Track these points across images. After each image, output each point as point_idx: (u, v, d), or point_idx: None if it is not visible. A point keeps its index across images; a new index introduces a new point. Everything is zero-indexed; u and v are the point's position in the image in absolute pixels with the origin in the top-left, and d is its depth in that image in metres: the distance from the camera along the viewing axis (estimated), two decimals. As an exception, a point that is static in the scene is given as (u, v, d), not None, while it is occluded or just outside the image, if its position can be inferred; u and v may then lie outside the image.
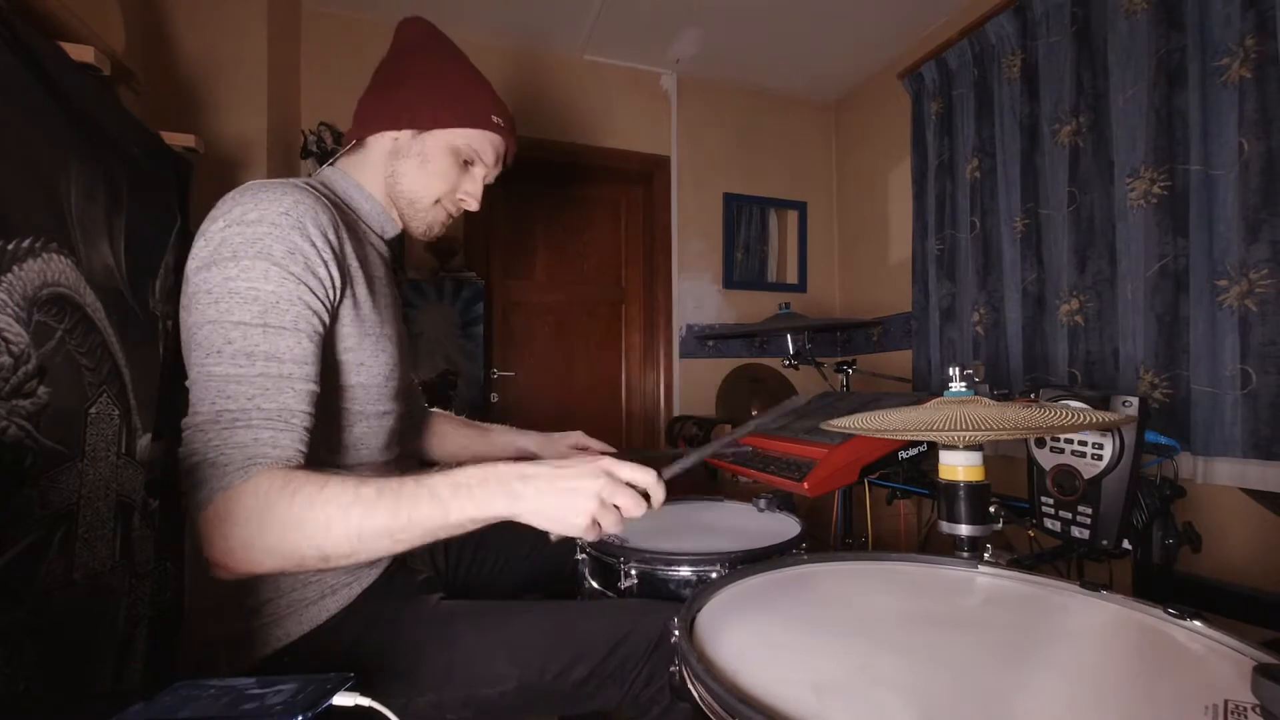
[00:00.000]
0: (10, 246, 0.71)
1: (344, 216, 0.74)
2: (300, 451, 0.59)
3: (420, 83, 0.78)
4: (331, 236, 0.65)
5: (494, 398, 2.55)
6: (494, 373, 2.57)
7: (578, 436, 1.06)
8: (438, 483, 0.57)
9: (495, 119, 0.82)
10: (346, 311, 0.69)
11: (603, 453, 1.02)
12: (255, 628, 0.66)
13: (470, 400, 2.26)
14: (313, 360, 0.61)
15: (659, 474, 0.62)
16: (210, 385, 0.57)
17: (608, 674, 0.68)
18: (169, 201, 1.15)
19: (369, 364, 0.73)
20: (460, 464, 1.03)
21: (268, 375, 0.58)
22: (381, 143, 0.79)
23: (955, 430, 0.60)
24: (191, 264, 0.61)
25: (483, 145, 0.81)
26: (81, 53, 0.91)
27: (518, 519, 0.58)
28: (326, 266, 0.64)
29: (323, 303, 0.63)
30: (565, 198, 2.78)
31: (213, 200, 0.66)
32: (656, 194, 2.79)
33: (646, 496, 0.61)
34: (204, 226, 0.63)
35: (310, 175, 0.82)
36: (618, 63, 2.69)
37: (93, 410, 0.86)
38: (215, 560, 0.55)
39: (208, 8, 1.75)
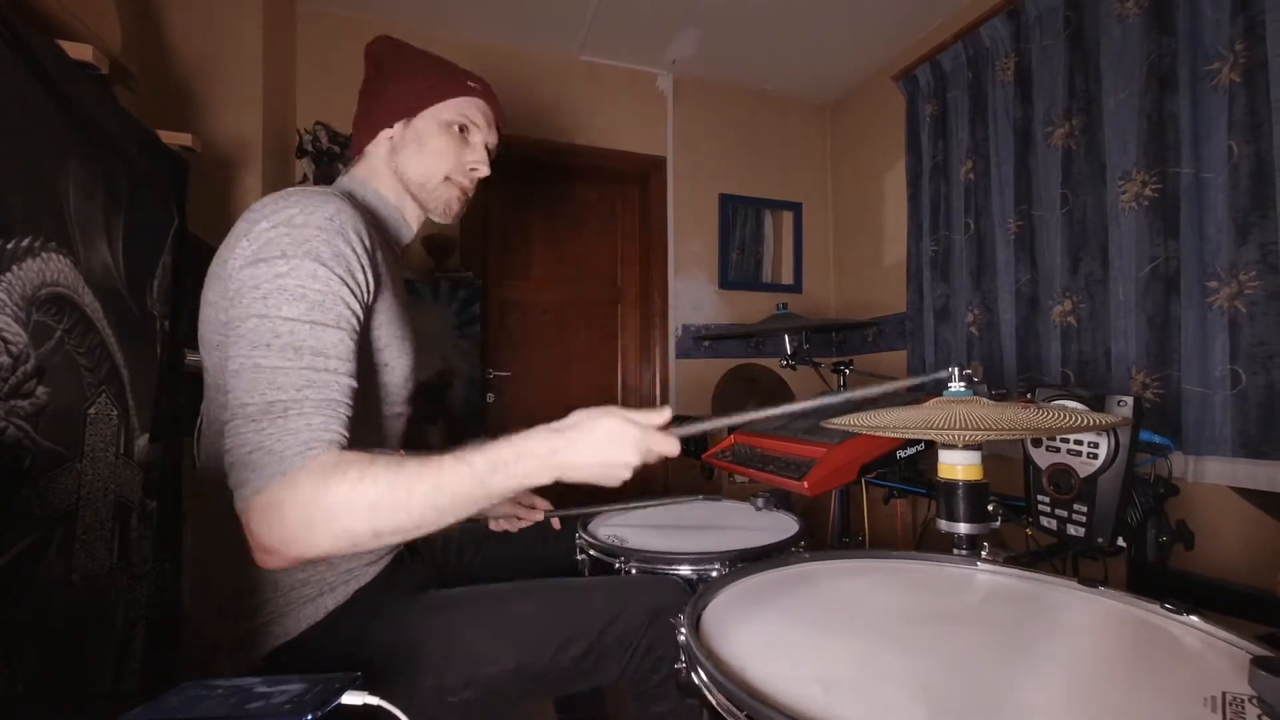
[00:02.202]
0: (9, 246, 0.71)
1: (370, 224, 0.76)
2: (346, 438, 0.60)
3: (396, 80, 0.82)
4: (367, 243, 0.68)
5: (490, 398, 2.55)
6: (490, 373, 2.56)
7: (522, 494, 1.04)
8: (476, 458, 0.59)
9: (470, 83, 0.84)
10: (379, 314, 0.72)
11: (545, 510, 1.04)
12: (257, 626, 0.67)
13: (466, 400, 2.26)
14: (352, 358, 0.63)
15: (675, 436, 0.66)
16: (259, 377, 0.58)
17: (605, 649, 0.70)
18: (166, 201, 1.14)
19: (394, 365, 0.76)
20: None
21: (314, 369, 0.59)
22: (380, 147, 0.82)
23: (958, 429, 0.61)
24: (235, 261, 0.63)
25: (469, 110, 0.83)
26: (80, 51, 0.91)
27: (563, 480, 0.62)
28: (364, 271, 0.66)
29: (361, 304, 0.66)
30: (562, 198, 2.78)
31: (210, 200, 0.67)
32: (653, 194, 2.80)
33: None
34: (245, 227, 0.64)
35: (307, 175, 0.84)
36: (614, 63, 2.70)
37: (91, 411, 0.86)
38: (269, 547, 0.55)
39: (203, 7, 1.74)
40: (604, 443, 0.61)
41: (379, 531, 0.56)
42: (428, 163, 0.81)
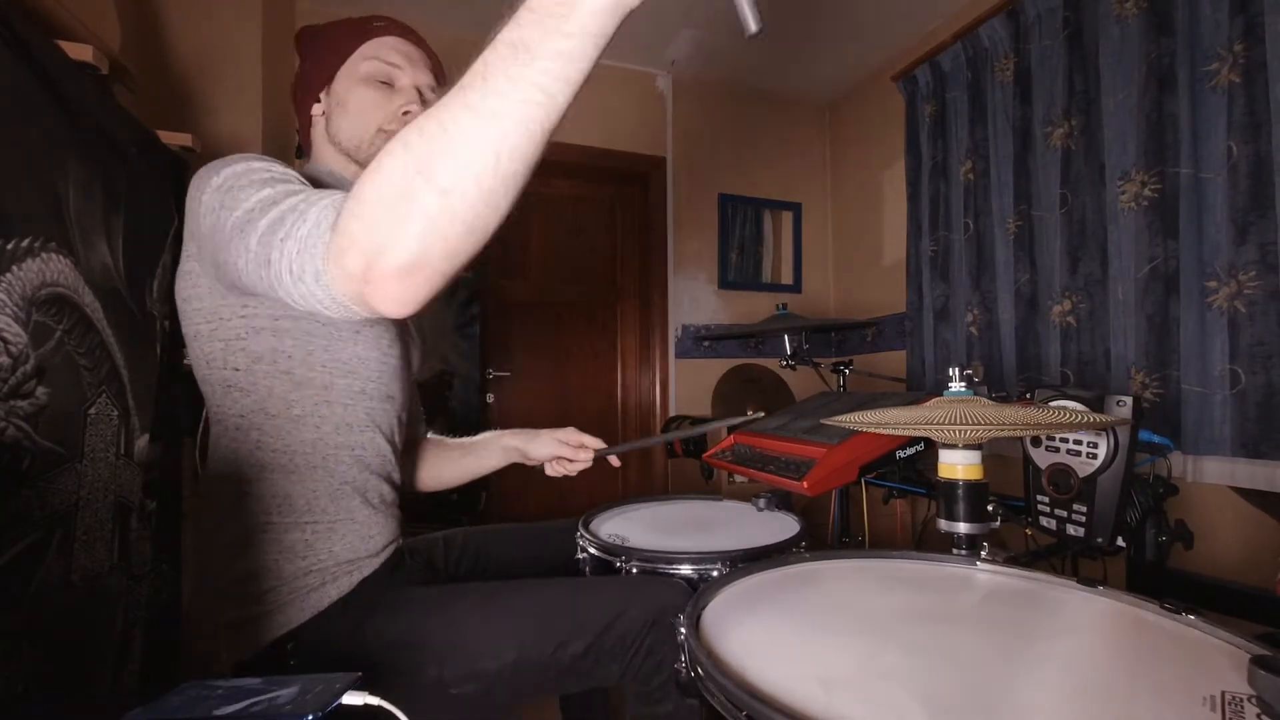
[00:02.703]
0: (9, 246, 0.71)
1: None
2: None
3: (310, 57, 0.81)
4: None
5: (490, 398, 2.55)
6: (490, 373, 2.56)
7: (569, 432, 1.02)
8: (510, 30, 0.44)
9: (376, 24, 0.80)
10: None
11: (594, 448, 1.02)
12: (257, 615, 0.67)
13: (466, 400, 2.26)
14: None
15: None
16: (239, 207, 0.55)
17: (606, 649, 0.70)
18: (166, 201, 1.14)
19: (364, 331, 0.74)
20: (451, 487, 1.05)
21: (296, 195, 0.54)
22: (316, 128, 0.82)
23: (957, 425, 0.61)
24: (186, 235, 0.64)
25: (381, 52, 0.77)
26: (80, 51, 0.91)
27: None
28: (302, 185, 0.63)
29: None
30: (561, 198, 2.78)
31: None
32: (652, 194, 2.80)
33: None
34: (187, 210, 0.65)
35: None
36: (613, 63, 2.70)
37: (91, 411, 0.86)
38: (361, 273, 0.45)
39: (202, 7, 1.74)
40: None
41: (495, 150, 0.43)
42: (355, 121, 0.77)
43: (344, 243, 0.46)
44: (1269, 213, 1.37)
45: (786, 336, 1.59)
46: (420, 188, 0.43)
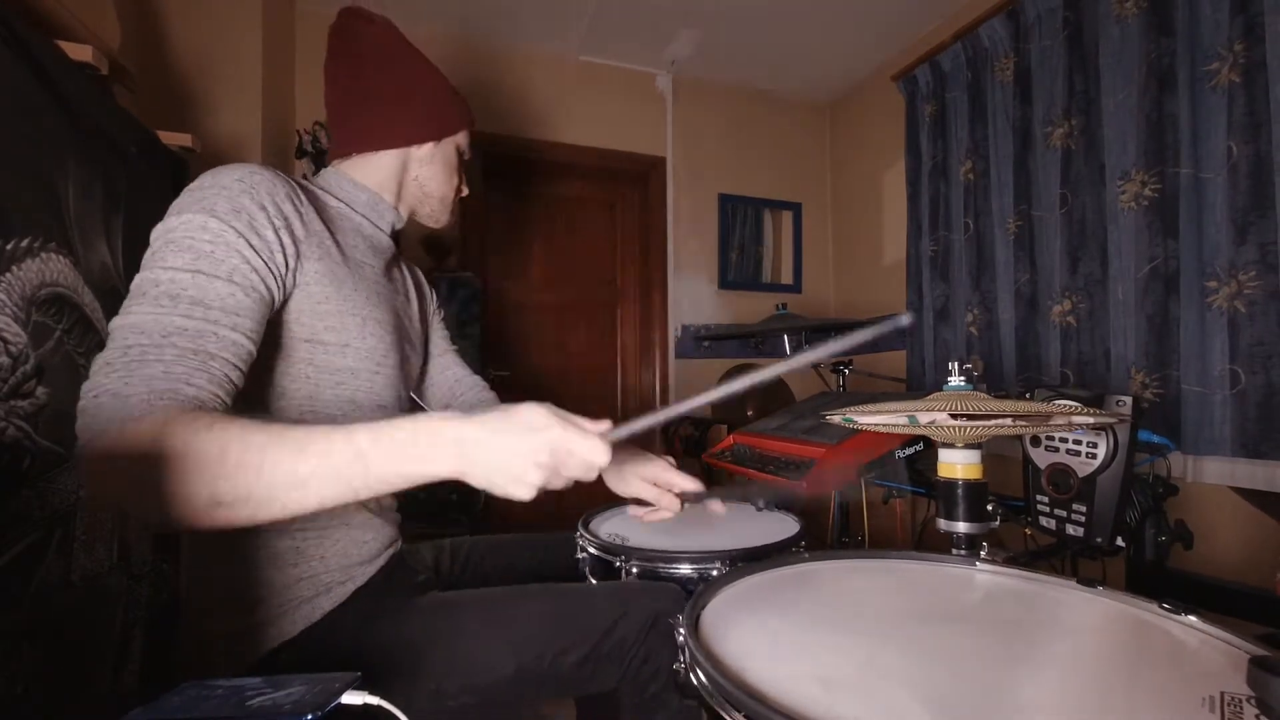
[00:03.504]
0: (9, 246, 0.71)
1: (323, 202, 0.75)
2: (220, 401, 0.53)
3: (421, 96, 0.82)
4: (287, 208, 0.65)
5: (490, 398, 2.55)
6: (489, 372, 2.56)
7: (662, 466, 0.91)
8: (359, 429, 0.50)
9: (470, 117, 0.89)
10: (320, 284, 0.68)
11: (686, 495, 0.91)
12: (253, 625, 0.66)
13: (466, 401, 2.25)
14: (246, 314, 0.57)
15: (604, 436, 0.56)
16: (125, 325, 0.52)
17: (605, 654, 0.69)
18: (166, 201, 1.13)
19: (356, 345, 0.72)
20: None
21: (190, 317, 0.53)
22: (393, 156, 0.82)
23: (960, 417, 0.61)
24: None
25: (462, 143, 0.89)
26: (79, 52, 0.91)
27: (462, 479, 0.52)
28: (276, 232, 0.62)
29: (267, 265, 0.60)
30: (561, 198, 2.78)
31: None
32: (652, 194, 2.80)
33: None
34: None
35: (306, 175, 0.83)
36: (613, 64, 2.70)
37: (91, 411, 0.86)
38: (101, 501, 0.52)
39: (202, 7, 1.74)
40: (514, 439, 0.51)
41: (217, 496, 0.46)
42: (446, 181, 0.86)
43: (106, 472, 0.47)
44: (1269, 213, 1.37)
45: (786, 336, 1.59)
46: (203, 501, 0.47)
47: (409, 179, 0.84)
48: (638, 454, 0.91)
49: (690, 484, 0.89)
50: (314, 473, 0.48)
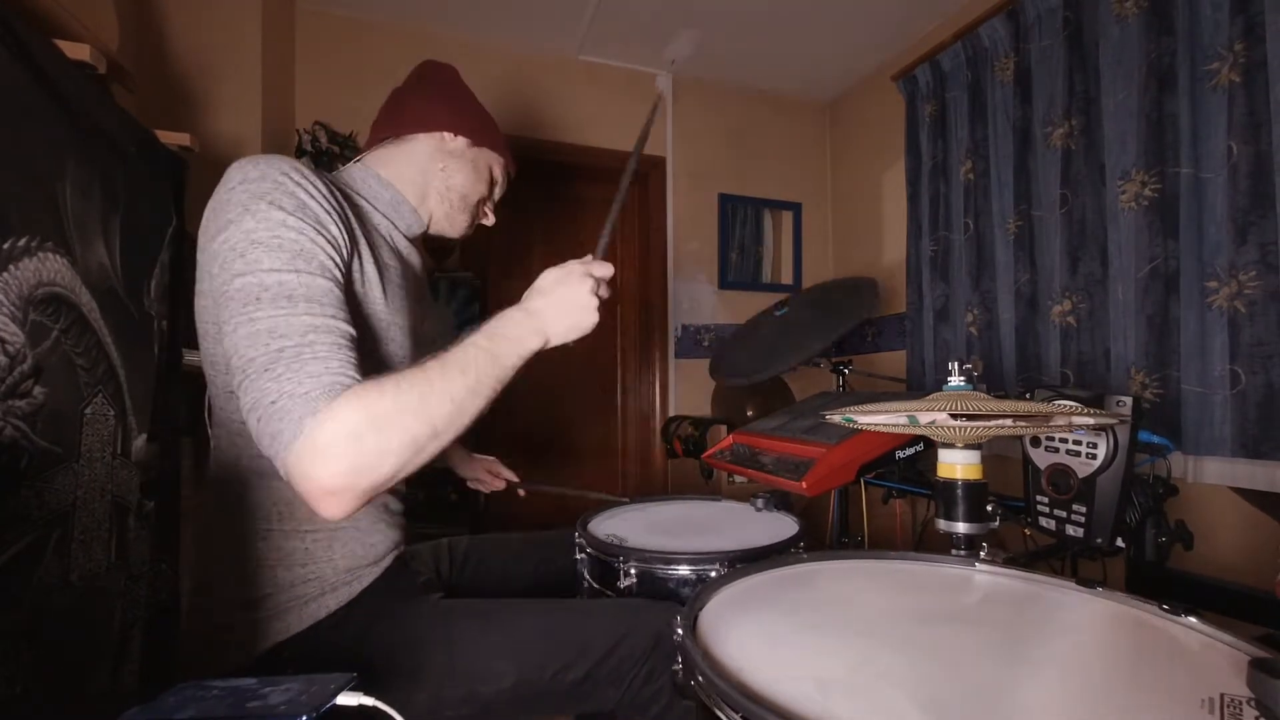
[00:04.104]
0: (5, 246, 0.70)
1: (351, 200, 0.76)
2: (359, 381, 0.58)
3: (471, 105, 0.89)
4: (337, 201, 0.67)
5: (489, 398, 2.55)
6: (489, 373, 2.56)
7: (493, 463, 1.20)
8: (477, 338, 0.64)
9: (513, 161, 0.97)
10: (369, 286, 0.71)
11: (508, 480, 1.19)
12: (256, 620, 0.67)
13: (466, 401, 2.25)
14: (345, 307, 0.62)
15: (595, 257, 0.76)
16: (257, 330, 0.55)
17: (606, 674, 0.69)
18: (164, 201, 1.14)
19: (379, 352, 0.74)
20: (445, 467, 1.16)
21: (314, 314, 0.57)
22: (428, 141, 0.84)
23: (960, 418, 0.61)
24: (203, 237, 0.62)
25: (501, 174, 0.95)
26: (77, 51, 0.90)
27: (553, 342, 0.69)
28: (337, 225, 0.65)
29: (339, 255, 0.64)
30: (561, 198, 2.78)
31: (201, 200, 0.67)
32: (651, 195, 2.79)
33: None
34: (210, 203, 0.63)
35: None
36: (613, 63, 2.69)
37: (88, 411, 0.85)
38: (332, 486, 0.52)
39: (201, 6, 1.74)
40: (560, 287, 0.68)
41: (436, 428, 0.57)
42: (475, 183, 0.89)
43: (328, 460, 0.52)
44: (1269, 213, 1.37)
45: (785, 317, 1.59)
46: (426, 437, 0.57)
47: (436, 169, 0.84)
48: (478, 456, 1.21)
49: (511, 476, 1.19)
50: (479, 380, 0.61)
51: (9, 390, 0.70)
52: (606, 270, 0.73)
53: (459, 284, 2.20)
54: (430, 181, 0.85)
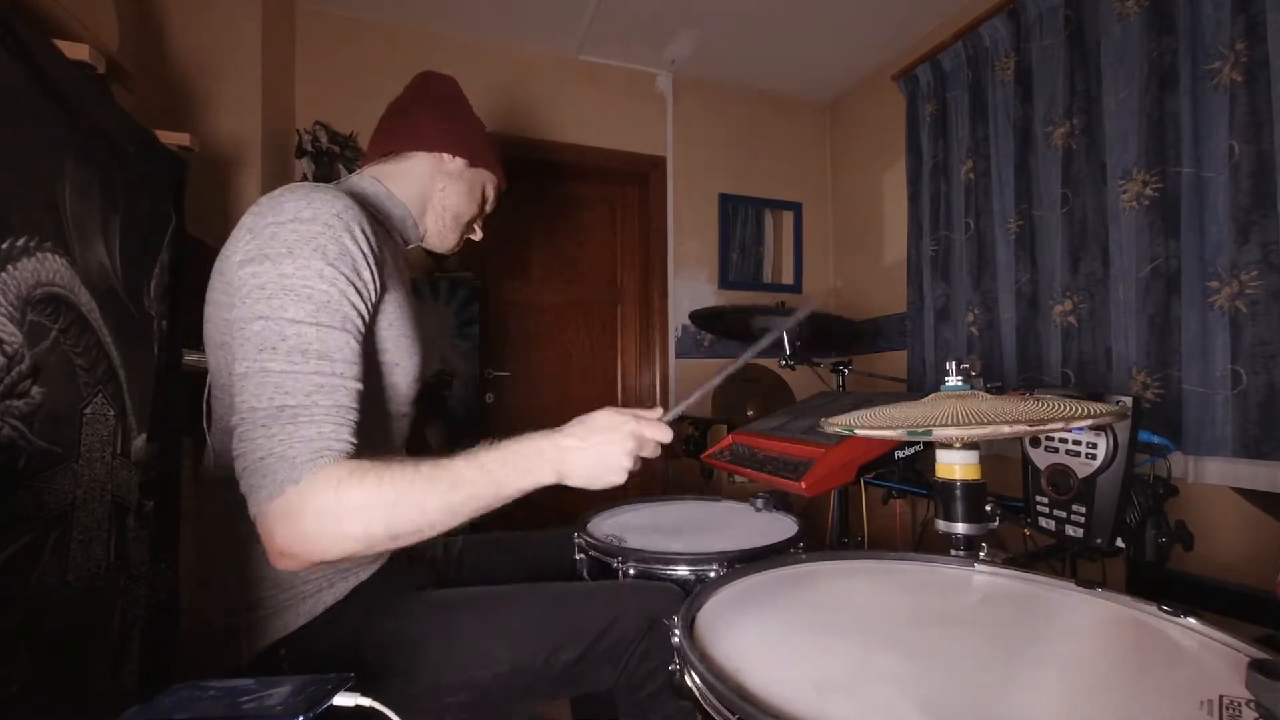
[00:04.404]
0: (4, 246, 0.71)
1: (375, 223, 0.76)
2: (354, 445, 0.61)
3: (469, 125, 0.89)
4: (374, 242, 0.67)
5: (489, 398, 2.55)
6: (489, 373, 2.56)
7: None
8: (488, 460, 0.62)
9: (505, 179, 0.96)
10: (386, 314, 0.72)
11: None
12: (254, 620, 0.67)
13: (466, 401, 2.26)
14: (359, 361, 0.63)
15: (662, 418, 0.71)
16: (267, 381, 0.58)
17: (601, 654, 0.70)
18: (164, 201, 1.14)
19: (403, 364, 0.76)
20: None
21: (321, 373, 0.59)
22: (426, 160, 0.85)
23: (955, 425, 0.61)
24: (237, 257, 0.62)
25: (493, 195, 0.95)
26: (76, 51, 0.90)
27: (564, 481, 0.65)
28: (371, 270, 0.66)
29: (366, 305, 0.66)
30: (561, 198, 2.78)
31: (209, 200, 0.67)
32: (652, 194, 2.79)
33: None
34: (250, 221, 0.63)
35: (306, 175, 0.85)
36: (613, 63, 2.69)
37: (87, 411, 0.85)
38: (287, 550, 0.55)
39: (202, 6, 1.74)
40: (601, 439, 0.65)
41: (395, 533, 0.57)
42: (466, 205, 0.89)
43: (292, 525, 0.55)
44: (1271, 212, 1.36)
45: (786, 336, 1.59)
46: (382, 539, 0.58)
47: (435, 189, 0.86)
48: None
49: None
50: (463, 502, 0.60)
51: (7, 390, 0.70)
52: (663, 435, 0.69)
53: (459, 284, 2.20)
54: (429, 200, 0.86)
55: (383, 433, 0.77)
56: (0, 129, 0.72)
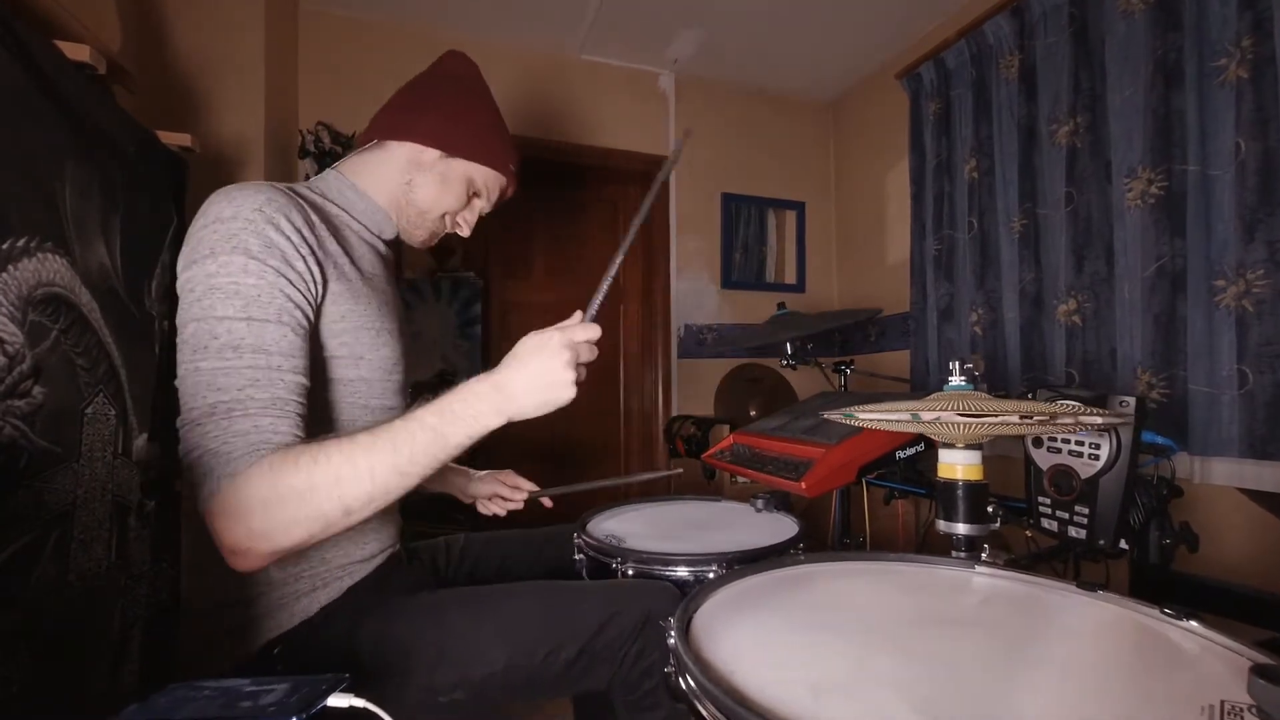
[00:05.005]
0: (4, 246, 0.71)
1: (327, 214, 0.76)
2: (298, 437, 0.60)
3: (458, 112, 0.84)
4: (307, 234, 0.66)
5: (492, 398, 2.55)
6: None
7: (508, 474, 1.12)
8: (425, 413, 0.60)
9: (511, 166, 0.90)
10: (336, 304, 0.70)
11: (530, 492, 1.10)
12: (251, 619, 0.67)
13: (468, 400, 2.25)
14: (299, 353, 0.62)
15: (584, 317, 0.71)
16: (199, 380, 0.57)
17: (597, 653, 0.69)
18: (165, 201, 1.14)
19: (369, 357, 0.74)
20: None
21: (256, 367, 0.58)
22: (402, 150, 0.82)
23: (956, 417, 0.60)
24: (178, 266, 0.62)
25: (493, 185, 0.90)
26: (77, 51, 0.91)
27: (516, 419, 0.63)
28: (304, 260, 0.64)
29: (304, 296, 0.64)
30: (563, 198, 2.78)
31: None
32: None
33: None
34: (189, 229, 0.64)
35: (309, 175, 0.84)
36: (615, 63, 2.69)
37: (88, 410, 0.86)
38: (236, 548, 0.55)
39: (204, 7, 1.75)
40: (535, 359, 0.63)
41: (348, 507, 0.56)
42: (440, 198, 0.84)
43: (235, 521, 0.54)
44: (1278, 210, 1.35)
45: (788, 344, 1.58)
46: (337, 515, 0.56)
47: (402, 182, 0.83)
48: (484, 473, 1.13)
49: (526, 483, 1.11)
50: (410, 460, 0.58)
51: (8, 390, 0.71)
52: (591, 333, 0.67)
53: (460, 284, 2.21)
54: (396, 194, 0.83)
55: (361, 427, 0.76)
56: (0, 129, 0.72)
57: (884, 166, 2.73)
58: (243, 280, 0.59)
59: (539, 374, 0.63)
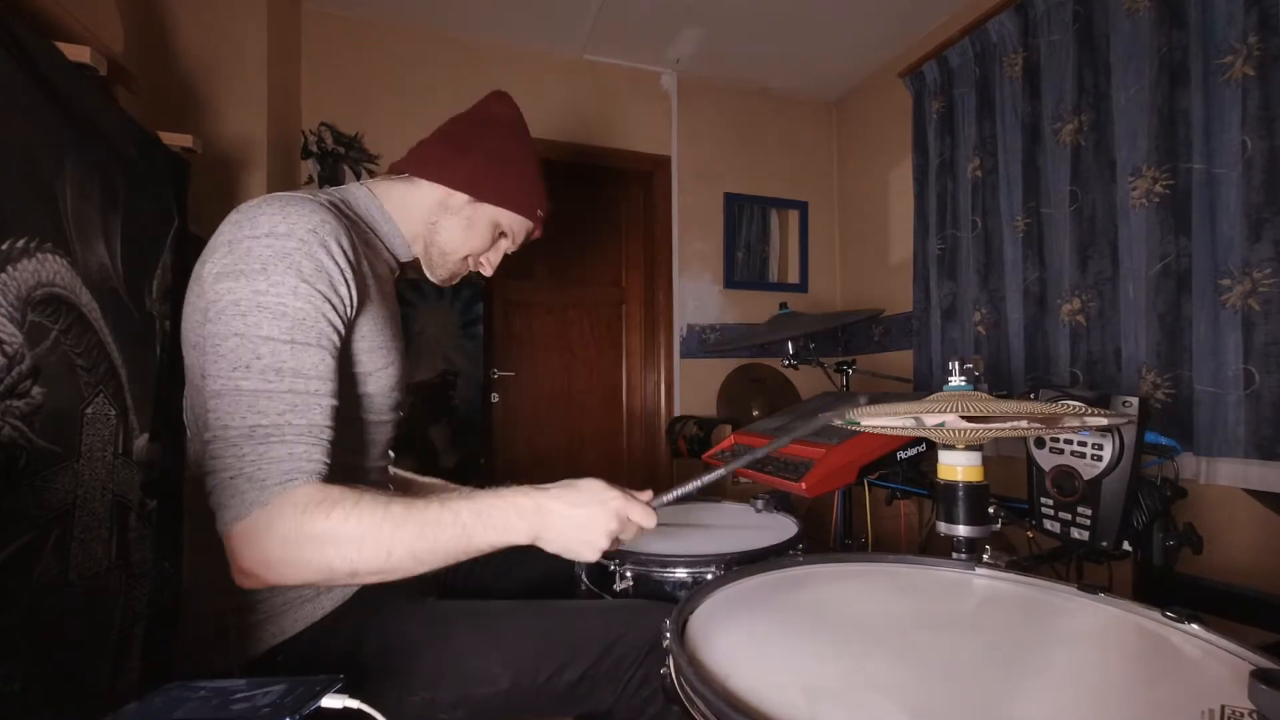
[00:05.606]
0: (4, 246, 0.71)
1: (360, 233, 0.76)
2: (327, 465, 0.60)
3: (491, 157, 0.85)
4: (352, 256, 0.66)
5: (494, 398, 2.55)
6: (494, 373, 2.57)
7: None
8: (462, 509, 0.60)
9: (539, 212, 0.91)
10: (362, 326, 0.71)
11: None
12: (251, 623, 0.67)
13: (470, 400, 2.26)
14: (333, 377, 0.62)
15: (650, 503, 0.68)
16: (240, 399, 0.57)
17: (601, 675, 0.68)
18: (166, 201, 1.15)
19: (378, 374, 0.75)
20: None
21: (295, 391, 0.59)
22: (434, 192, 0.83)
23: (960, 422, 0.60)
24: (211, 269, 0.61)
25: (520, 229, 0.91)
26: (77, 53, 0.91)
27: (537, 545, 0.63)
28: (348, 285, 0.65)
29: (341, 320, 0.65)
30: (566, 198, 2.77)
31: (210, 200, 0.67)
32: (657, 194, 2.79)
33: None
34: (227, 233, 0.62)
35: (313, 176, 0.84)
36: (618, 62, 2.69)
37: (88, 410, 0.86)
38: (248, 570, 0.55)
39: (207, 7, 1.75)
40: (585, 509, 0.62)
41: (356, 569, 0.56)
42: (464, 241, 0.85)
43: (254, 548, 0.55)
44: (1284, 209, 1.34)
45: (790, 343, 1.58)
46: (343, 573, 0.57)
47: (428, 222, 0.84)
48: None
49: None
50: (430, 550, 0.58)
51: (7, 390, 0.71)
52: (647, 520, 0.65)
53: (463, 284, 2.21)
54: (419, 231, 0.84)
55: (360, 441, 0.76)
56: (0, 129, 0.72)
57: (887, 165, 2.73)
58: (291, 302, 0.59)
59: (580, 524, 0.62)
